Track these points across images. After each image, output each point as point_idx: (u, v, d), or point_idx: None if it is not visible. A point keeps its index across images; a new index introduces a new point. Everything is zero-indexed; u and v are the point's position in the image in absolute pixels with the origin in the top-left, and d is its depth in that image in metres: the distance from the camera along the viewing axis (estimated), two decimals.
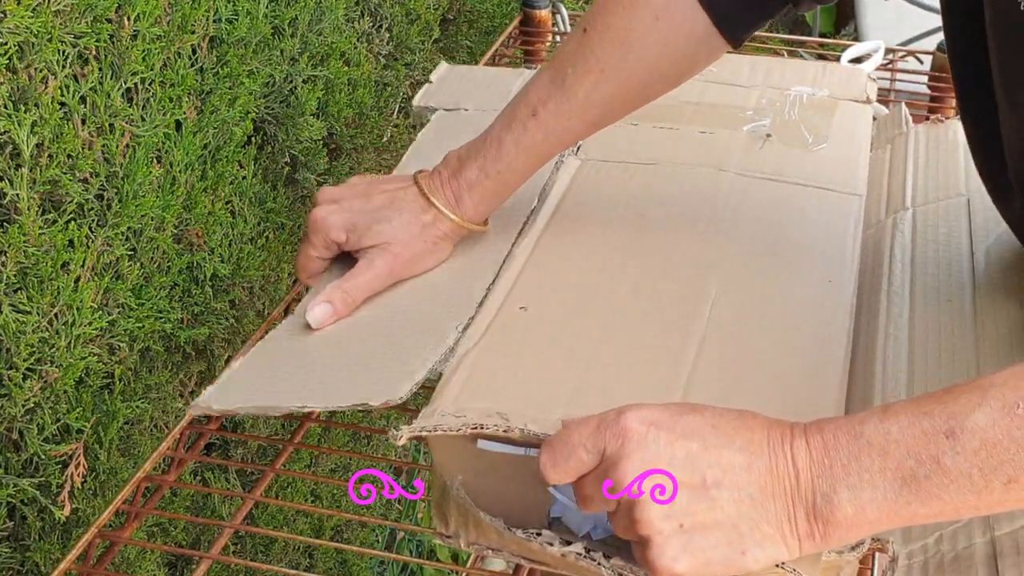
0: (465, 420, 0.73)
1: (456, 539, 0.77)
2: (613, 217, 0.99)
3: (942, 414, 0.62)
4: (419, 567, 1.89)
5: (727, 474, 0.64)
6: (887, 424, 0.63)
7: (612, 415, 0.66)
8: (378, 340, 0.86)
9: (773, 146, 1.10)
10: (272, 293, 1.32)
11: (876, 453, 0.62)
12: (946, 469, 0.61)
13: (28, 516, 1.00)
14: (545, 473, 0.68)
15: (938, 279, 0.92)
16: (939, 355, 0.84)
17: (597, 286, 0.90)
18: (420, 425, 0.73)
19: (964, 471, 0.61)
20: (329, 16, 1.32)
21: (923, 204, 1.02)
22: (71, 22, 0.93)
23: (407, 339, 0.86)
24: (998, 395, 0.61)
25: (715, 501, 0.63)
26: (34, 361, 0.95)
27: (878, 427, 0.63)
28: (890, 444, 0.62)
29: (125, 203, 1.02)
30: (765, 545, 0.64)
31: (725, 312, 0.87)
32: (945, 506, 0.62)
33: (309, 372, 0.84)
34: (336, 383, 0.81)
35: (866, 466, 0.62)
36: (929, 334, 0.86)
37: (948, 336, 0.85)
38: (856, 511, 0.62)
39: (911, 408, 0.63)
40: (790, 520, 0.63)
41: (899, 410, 0.63)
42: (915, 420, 0.62)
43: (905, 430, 0.62)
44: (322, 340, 0.88)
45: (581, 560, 0.71)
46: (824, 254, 0.94)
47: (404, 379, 0.80)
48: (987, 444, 0.61)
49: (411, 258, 0.93)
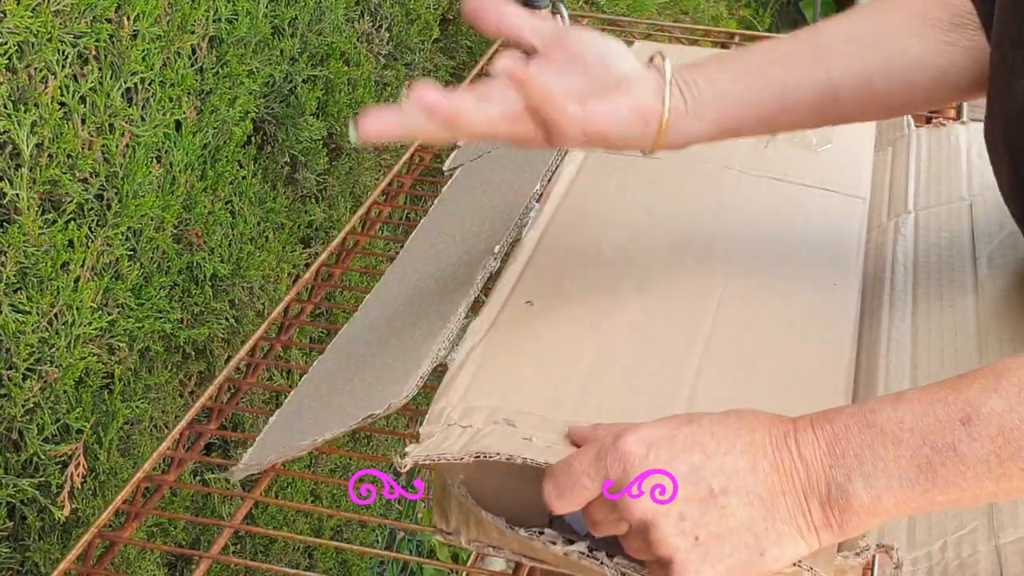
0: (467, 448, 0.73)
1: (457, 536, 0.77)
2: (618, 213, 0.99)
3: (956, 401, 0.61)
4: (419, 567, 1.89)
5: (732, 480, 0.63)
6: (900, 412, 0.62)
7: (609, 440, 0.66)
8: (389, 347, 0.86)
9: (777, 146, 1.10)
10: (272, 293, 1.31)
11: (890, 442, 0.61)
12: (963, 456, 0.60)
13: (28, 516, 1.00)
14: (550, 504, 0.67)
15: (941, 284, 0.91)
16: (942, 359, 0.84)
17: (602, 282, 0.90)
18: (424, 454, 0.73)
19: (981, 458, 0.60)
20: (329, 16, 1.32)
21: (925, 208, 1.02)
22: (71, 22, 0.93)
23: (412, 336, 0.86)
24: (1014, 379, 0.61)
25: (726, 508, 0.63)
26: (34, 361, 0.95)
27: (891, 415, 0.62)
28: (904, 432, 0.61)
29: (125, 203, 1.02)
30: (782, 542, 0.63)
31: (730, 312, 0.87)
32: (963, 493, 0.61)
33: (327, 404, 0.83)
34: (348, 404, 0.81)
35: (880, 455, 0.61)
36: (932, 338, 0.86)
37: (951, 341, 0.85)
38: (872, 499, 0.62)
39: (924, 396, 0.62)
40: (804, 514, 0.63)
41: (912, 397, 0.63)
42: (929, 407, 0.61)
43: (919, 418, 0.61)
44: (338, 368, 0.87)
45: (584, 559, 0.71)
46: (829, 257, 0.94)
47: (408, 376, 0.79)
48: (1004, 430, 0.60)
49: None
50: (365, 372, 0.84)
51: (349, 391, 0.82)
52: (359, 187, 1.51)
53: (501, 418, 0.75)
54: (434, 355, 0.81)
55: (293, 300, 1.01)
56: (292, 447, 0.78)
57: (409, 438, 0.77)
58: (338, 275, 1.11)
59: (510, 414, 0.76)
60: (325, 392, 0.85)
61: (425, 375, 0.79)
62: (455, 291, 0.88)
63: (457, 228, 1.01)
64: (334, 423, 0.78)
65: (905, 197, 1.05)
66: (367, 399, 0.79)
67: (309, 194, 1.40)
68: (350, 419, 0.77)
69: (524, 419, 0.75)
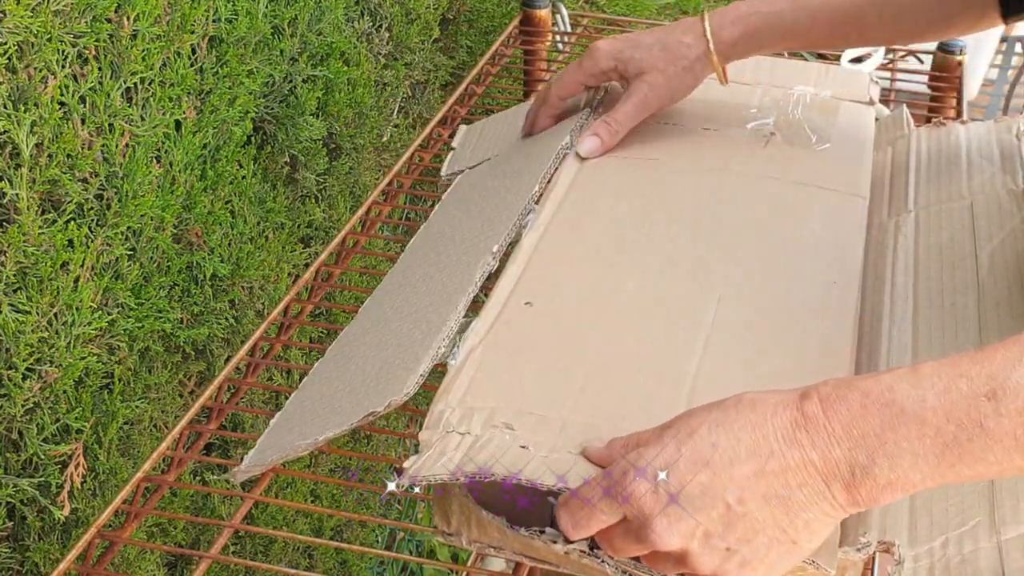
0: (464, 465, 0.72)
1: (458, 537, 0.77)
2: (617, 213, 0.99)
3: (980, 375, 0.60)
4: (419, 567, 1.89)
5: (745, 489, 0.63)
6: (921, 390, 0.61)
7: (618, 477, 0.66)
8: (388, 347, 0.86)
9: (777, 145, 1.10)
10: (272, 293, 1.31)
11: (912, 421, 0.60)
12: (990, 431, 0.59)
13: (28, 516, 0.99)
14: (567, 533, 0.68)
15: (941, 282, 0.91)
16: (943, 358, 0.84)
17: (602, 282, 0.90)
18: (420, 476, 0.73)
19: (1008, 431, 0.59)
20: (329, 16, 1.32)
21: (925, 206, 1.02)
22: (70, 22, 0.93)
23: (412, 335, 0.86)
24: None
25: (746, 516, 0.63)
26: (34, 361, 0.95)
27: (911, 393, 0.61)
28: (927, 411, 0.60)
29: (125, 203, 1.02)
30: (811, 527, 0.63)
31: (731, 310, 0.87)
32: (990, 467, 0.61)
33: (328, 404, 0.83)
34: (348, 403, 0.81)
35: (903, 435, 0.60)
36: (933, 337, 0.86)
37: (952, 339, 0.85)
38: (899, 476, 0.61)
39: (945, 369, 0.61)
40: (827, 498, 0.63)
41: (931, 372, 0.61)
42: (952, 383, 0.60)
43: (942, 395, 0.60)
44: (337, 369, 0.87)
45: (585, 558, 0.71)
46: (829, 255, 0.94)
47: (408, 374, 0.79)
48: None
49: (665, 83, 1.03)
50: (365, 372, 0.84)
51: (349, 390, 0.82)
52: (359, 187, 1.51)
53: (500, 421, 0.75)
54: (434, 353, 0.81)
55: (293, 300, 1.01)
56: (293, 447, 0.79)
57: (409, 438, 0.77)
58: (338, 275, 1.11)
59: (509, 416, 0.76)
60: (326, 392, 0.85)
61: (425, 373, 0.79)
62: (454, 291, 0.88)
63: (457, 231, 1.01)
64: (334, 422, 0.78)
65: (905, 196, 1.05)
66: (367, 398, 0.79)
67: (309, 194, 1.40)
68: (350, 417, 0.77)
69: (523, 420, 0.75)
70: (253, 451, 0.83)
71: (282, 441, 0.81)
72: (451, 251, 0.97)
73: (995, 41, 2.95)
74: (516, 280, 0.91)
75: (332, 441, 0.78)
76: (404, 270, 1.00)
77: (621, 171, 1.06)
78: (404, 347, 0.84)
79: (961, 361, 0.61)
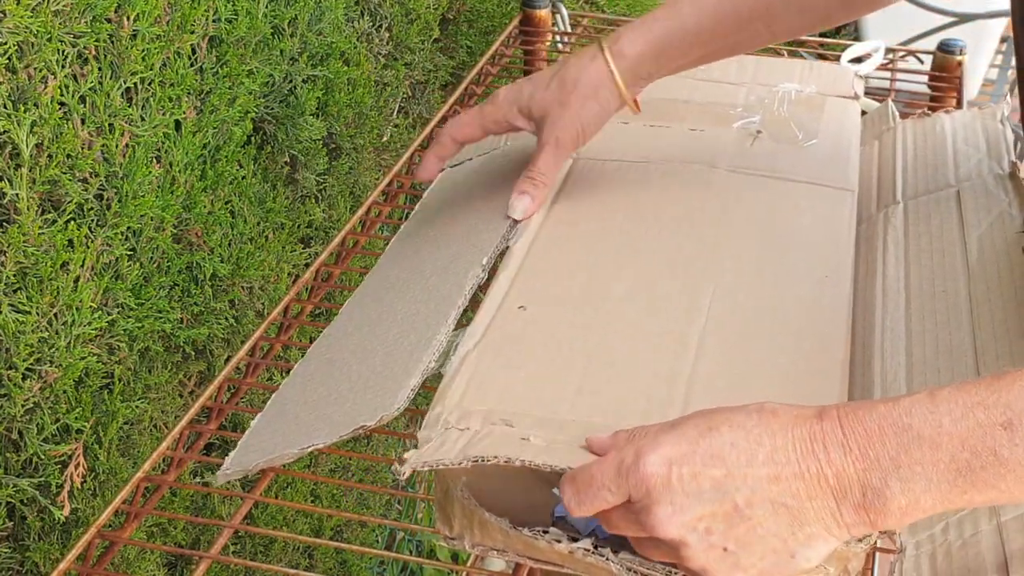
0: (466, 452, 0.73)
1: (461, 541, 0.77)
2: (607, 215, 0.99)
3: (997, 404, 0.60)
4: (419, 567, 1.89)
5: (756, 492, 0.63)
6: (938, 416, 0.61)
7: (631, 458, 0.65)
8: (375, 355, 0.86)
9: (764, 143, 1.10)
10: (272, 293, 1.31)
11: (927, 446, 0.61)
12: (1004, 460, 0.60)
13: (28, 516, 1.00)
14: (570, 508, 0.68)
15: (932, 270, 0.92)
16: (936, 345, 0.84)
17: (594, 284, 0.90)
18: (422, 460, 0.73)
19: (1022, 461, 0.60)
20: (329, 16, 1.32)
21: (913, 197, 1.03)
22: (70, 22, 0.93)
23: (401, 345, 0.86)
24: None
25: (752, 520, 0.63)
26: (34, 361, 0.95)
27: (928, 419, 0.61)
28: (942, 437, 0.61)
29: (125, 203, 1.02)
30: (812, 543, 0.64)
31: (724, 308, 0.87)
32: (1001, 494, 0.61)
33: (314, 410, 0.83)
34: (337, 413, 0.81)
35: (917, 459, 0.61)
36: (926, 325, 0.86)
37: (944, 326, 0.85)
38: (910, 501, 0.61)
39: (961, 397, 0.61)
40: (834, 516, 0.63)
41: (948, 398, 0.62)
42: (968, 411, 0.61)
43: (958, 422, 0.61)
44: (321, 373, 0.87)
45: (589, 556, 0.71)
46: (819, 250, 0.95)
47: (399, 388, 0.79)
48: None
49: (572, 118, 0.95)
50: (352, 380, 0.84)
51: (336, 398, 0.82)
52: (359, 187, 1.51)
53: (499, 419, 0.75)
54: (424, 367, 0.81)
55: (293, 300, 1.01)
56: (280, 454, 0.78)
57: (409, 438, 0.77)
58: (338, 275, 1.11)
59: (507, 415, 0.76)
60: (310, 397, 0.84)
61: (416, 387, 0.79)
62: (443, 301, 0.88)
63: (441, 234, 1.01)
64: (323, 432, 0.78)
65: (893, 188, 1.05)
66: (356, 409, 0.79)
67: (309, 194, 1.40)
68: (340, 428, 0.77)
69: (521, 420, 0.75)
70: (235, 451, 0.82)
71: (266, 444, 0.81)
72: (436, 256, 0.96)
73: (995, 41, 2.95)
74: (509, 285, 0.91)
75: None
76: (386, 272, 1.00)
77: (610, 174, 1.06)
78: (393, 357, 0.84)
79: (978, 387, 0.62)
